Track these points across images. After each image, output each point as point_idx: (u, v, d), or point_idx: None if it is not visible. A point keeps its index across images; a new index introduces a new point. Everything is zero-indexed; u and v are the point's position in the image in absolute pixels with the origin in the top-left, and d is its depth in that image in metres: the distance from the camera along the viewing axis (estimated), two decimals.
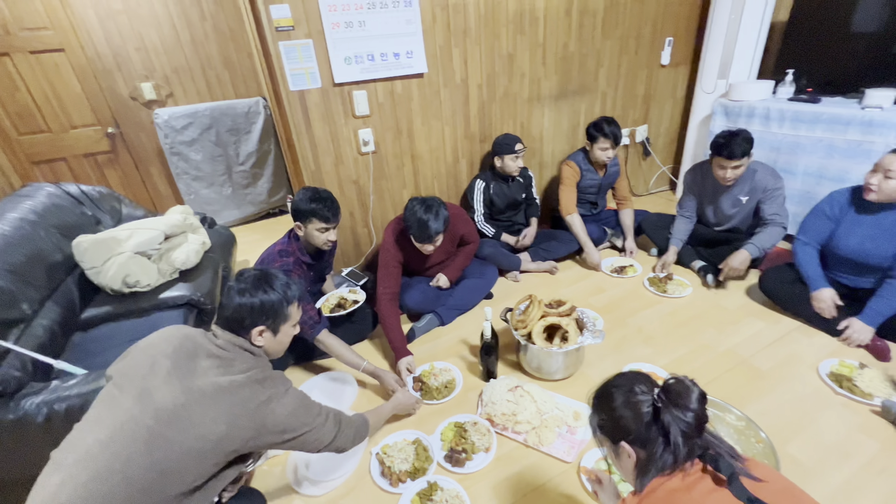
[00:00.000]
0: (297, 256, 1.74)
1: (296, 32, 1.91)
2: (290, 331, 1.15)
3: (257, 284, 1.07)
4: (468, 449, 1.45)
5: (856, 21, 2.39)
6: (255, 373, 1.02)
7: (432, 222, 1.77)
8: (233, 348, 1.03)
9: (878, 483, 1.27)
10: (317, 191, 1.68)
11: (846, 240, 1.76)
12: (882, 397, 1.50)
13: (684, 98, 3.31)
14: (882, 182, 1.60)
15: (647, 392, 0.78)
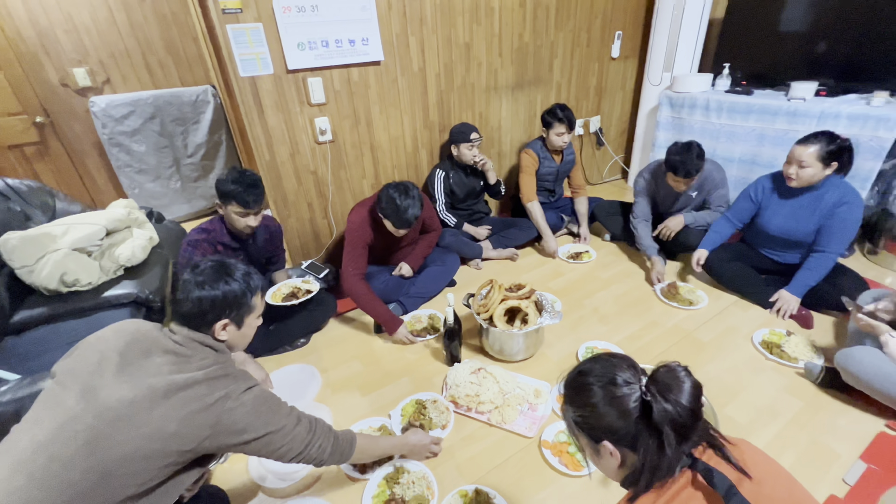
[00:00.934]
0: (214, 236, 1.67)
1: (244, 15, 1.84)
2: (254, 322, 1.10)
3: (217, 276, 1.01)
4: (425, 424, 1.49)
5: (783, 21, 2.60)
6: (214, 369, 0.97)
7: (411, 208, 1.79)
8: (191, 344, 0.98)
9: (802, 437, 1.41)
10: (242, 172, 1.61)
11: (773, 220, 1.95)
12: (805, 360, 1.66)
13: (633, 90, 3.46)
14: (798, 171, 1.78)
15: (633, 382, 0.68)
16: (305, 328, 1.93)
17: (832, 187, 1.80)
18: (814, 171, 1.76)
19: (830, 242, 1.81)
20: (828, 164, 1.74)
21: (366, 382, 1.75)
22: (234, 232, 1.72)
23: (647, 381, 0.69)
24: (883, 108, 2.07)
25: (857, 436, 1.39)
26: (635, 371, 0.71)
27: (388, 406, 1.62)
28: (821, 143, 1.73)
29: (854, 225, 1.78)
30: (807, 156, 1.75)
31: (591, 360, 0.76)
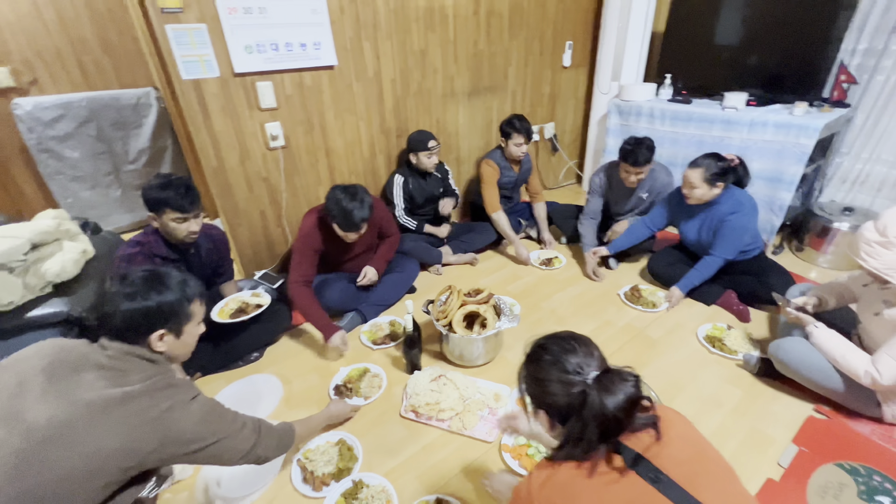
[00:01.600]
0: (149, 248, 1.57)
1: (185, 16, 1.75)
2: (194, 330, 1.06)
3: (148, 286, 0.97)
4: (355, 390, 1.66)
5: (717, 35, 2.79)
6: (155, 381, 0.93)
7: (357, 210, 1.75)
8: (126, 358, 0.93)
9: (742, 424, 1.51)
10: (168, 177, 1.53)
11: (687, 233, 2.16)
12: (743, 352, 1.78)
13: (585, 98, 3.60)
14: (690, 191, 1.97)
15: (581, 373, 0.72)
16: (258, 342, 1.85)
17: (727, 199, 1.98)
18: (702, 192, 1.94)
19: (718, 247, 2.00)
20: (713, 184, 1.92)
21: (324, 395, 1.70)
22: (174, 243, 1.62)
23: (594, 377, 0.72)
24: (803, 118, 2.27)
25: (790, 421, 1.50)
26: (590, 359, 0.75)
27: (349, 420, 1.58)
28: (704, 167, 1.91)
29: (741, 231, 1.96)
30: (694, 178, 1.93)
31: (555, 338, 0.81)
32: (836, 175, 2.70)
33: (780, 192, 2.39)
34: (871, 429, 1.44)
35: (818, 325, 1.50)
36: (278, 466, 1.40)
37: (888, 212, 1.27)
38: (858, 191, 2.64)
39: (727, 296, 2.07)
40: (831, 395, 1.49)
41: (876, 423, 1.46)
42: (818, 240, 2.42)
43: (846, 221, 2.33)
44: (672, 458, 0.70)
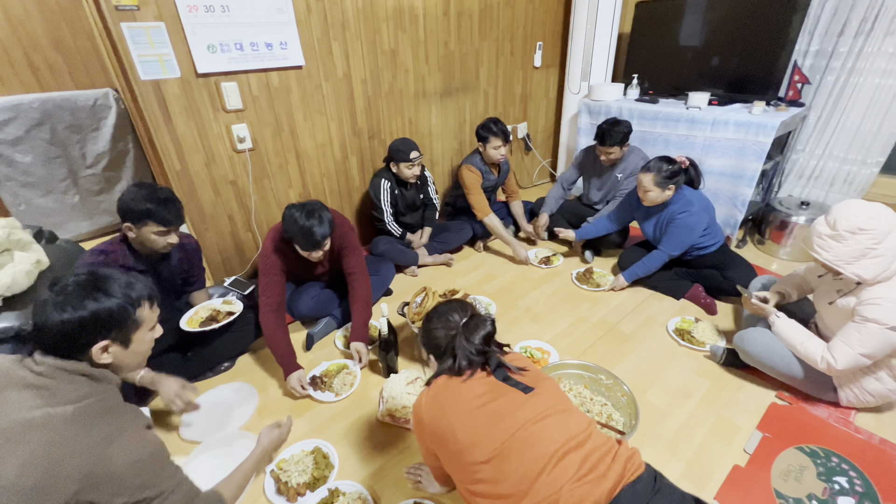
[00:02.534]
0: (115, 258, 1.49)
1: (142, 13, 1.68)
2: (146, 336, 0.95)
3: (83, 292, 0.85)
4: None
5: (681, 36, 2.87)
6: (92, 402, 0.81)
7: (317, 228, 1.62)
8: (59, 374, 0.82)
9: (710, 413, 1.56)
10: (152, 188, 1.47)
11: (645, 229, 2.25)
12: (711, 344, 1.84)
13: (556, 97, 3.65)
14: (644, 194, 2.04)
15: (455, 323, 0.99)
16: (229, 351, 1.79)
17: (678, 200, 2.06)
18: (655, 195, 2.01)
19: (664, 243, 2.10)
20: (665, 187, 1.99)
21: (299, 403, 1.66)
22: (143, 252, 1.55)
23: (464, 322, 0.99)
24: (761, 116, 2.37)
25: (754, 408, 1.56)
26: (462, 313, 1.02)
27: (324, 426, 1.55)
28: (654, 171, 1.98)
29: (687, 230, 2.04)
30: (646, 182, 2.00)
31: (445, 303, 1.06)
32: (793, 171, 2.83)
33: (742, 187, 2.49)
34: (828, 413, 1.52)
35: (779, 315, 1.56)
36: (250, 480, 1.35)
37: (838, 206, 1.34)
38: (813, 186, 2.78)
39: (695, 289, 2.14)
40: (792, 381, 1.55)
41: (833, 406, 1.53)
42: (778, 233, 2.54)
43: (803, 215, 2.45)
44: (518, 375, 0.98)
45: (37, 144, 2.69)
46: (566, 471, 0.78)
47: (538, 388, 0.93)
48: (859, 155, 2.55)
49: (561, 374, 1.65)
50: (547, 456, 0.80)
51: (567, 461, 0.79)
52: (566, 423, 0.86)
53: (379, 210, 2.44)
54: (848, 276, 1.32)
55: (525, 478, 0.79)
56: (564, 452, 0.81)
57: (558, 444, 0.81)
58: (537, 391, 0.92)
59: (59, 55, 2.81)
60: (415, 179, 2.43)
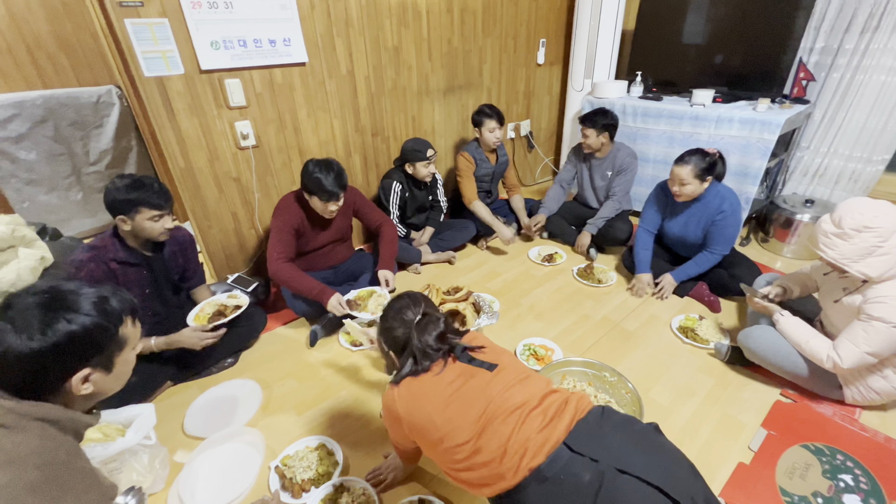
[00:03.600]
0: (105, 253, 1.47)
1: (146, 10, 1.68)
2: (129, 358, 0.82)
3: (49, 314, 0.69)
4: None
5: (685, 33, 2.86)
6: (33, 465, 0.63)
7: (335, 177, 1.76)
8: (10, 419, 0.66)
9: (714, 411, 1.55)
10: (133, 177, 1.47)
11: (671, 227, 2.19)
12: (715, 341, 1.83)
13: (560, 95, 3.64)
14: (681, 188, 1.99)
15: (409, 322, 1.03)
16: (233, 347, 1.80)
17: (714, 196, 2.02)
18: (693, 188, 1.97)
19: (717, 244, 2.05)
20: (703, 178, 1.96)
21: (302, 400, 1.66)
22: (135, 246, 1.55)
23: (417, 320, 1.02)
24: (766, 114, 2.35)
25: (759, 406, 1.56)
26: (416, 309, 1.05)
27: (327, 423, 1.55)
28: (693, 163, 1.94)
29: (735, 227, 2.02)
30: (685, 174, 1.95)
31: (395, 300, 1.09)
32: (798, 168, 2.82)
33: (746, 185, 2.48)
34: (833, 410, 1.51)
35: (783, 313, 1.56)
36: (255, 474, 1.36)
37: (843, 204, 1.33)
38: (818, 183, 2.76)
39: (699, 287, 2.14)
40: (796, 379, 1.55)
41: (838, 404, 1.53)
42: (782, 231, 2.53)
43: (808, 213, 2.44)
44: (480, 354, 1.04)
45: (40, 141, 2.70)
46: (531, 425, 0.90)
47: (500, 363, 1.02)
48: (865, 152, 2.54)
49: (565, 371, 1.65)
50: (516, 421, 0.90)
51: (531, 417, 0.91)
52: (529, 389, 0.97)
53: (385, 210, 2.43)
54: (853, 275, 1.31)
55: (500, 444, 0.89)
56: (528, 412, 0.92)
57: (523, 409, 0.92)
58: (500, 366, 1.00)
59: (62, 52, 2.80)
60: (430, 178, 2.42)
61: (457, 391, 0.96)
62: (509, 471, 0.87)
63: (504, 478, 0.88)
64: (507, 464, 0.88)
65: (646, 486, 0.80)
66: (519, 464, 0.87)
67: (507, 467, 0.88)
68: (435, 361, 1.01)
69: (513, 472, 0.87)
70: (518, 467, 0.87)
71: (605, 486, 0.81)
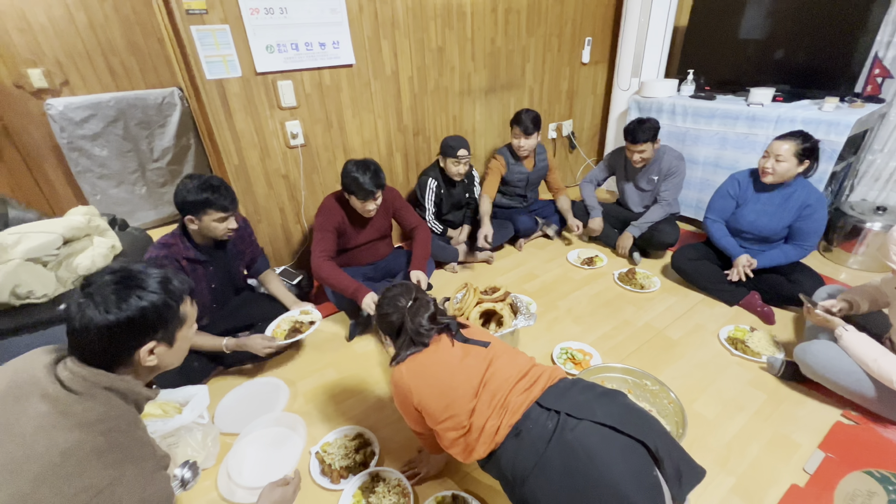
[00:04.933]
0: (176, 251, 1.56)
1: (209, 17, 1.79)
2: (188, 334, 0.88)
3: (124, 291, 0.76)
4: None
5: (742, 29, 2.71)
6: (99, 430, 0.69)
7: (372, 177, 1.82)
8: (82, 386, 0.72)
9: (765, 428, 1.47)
10: (202, 178, 1.53)
11: (745, 216, 2.03)
12: (767, 355, 1.73)
13: (604, 94, 3.54)
14: (775, 165, 1.85)
15: (402, 307, 1.12)
16: None
17: (801, 187, 1.89)
18: (788, 166, 1.84)
19: (805, 239, 1.91)
20: (801, 160, 1.83)
21: (340, 391, 1.72)
22: (202, 243, 1.64)
23: (409, 305, 1.12)
24: (833, 114, 2.19)
25: (816, 426, 1.46)
26: (407, 295, 1.14)
27: (363, 414, 1.60)
28: (796, 140, 1.82)
29: (823, 222, 1.89)
30: (783, 150, 1.83)
31: (390, 289, 1.18)
32: (869, 173, 2.60)
33: None
34: None
35: (847, 328, 1.45)
36: (297, 458, 1.43)
37: None
38: (892, 189, 2.54)
39: (751, 297, 2.02)
40: (861, 400, 1.44)
41: None
42: (848, 240, 2.34)
43: (878, 221, 2.25)
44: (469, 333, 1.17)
45: (112, 139, 2.94)
46: (517, 390, 1.04)
47: (491, 342, 1.15)
48: None
49: (604, 377, 1.61)
50: (506, 387, 1.04)
51: (519, 384, 1.04)
52: (517, 362, 1.10)
53: (421, 207, 2.47)
54: None
55: (491, 406, 1.02)
56: (516, 381, 1.05)
57: (513, 377, 1.05)
58: (492, 344, 1.14)
59: (132, 57, 3.04)
60: (460, 178, 2.44)
61: (459, 362, 1.08)
62: (495, 430, 1.00)
63: (491, 438, 1.01)
64: (493, 423, 1.00)
65: (602, 428, 0.92)
66: (501, 423, 1.00)
67: (493, 426, 1.00)
68: (430, 339, 1.11)
69: (496, 430, 1.00)
70: (500, 426, 1.00)
71: (560, 427, 0.94)
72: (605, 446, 0.90)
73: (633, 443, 0.91)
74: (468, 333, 1.16)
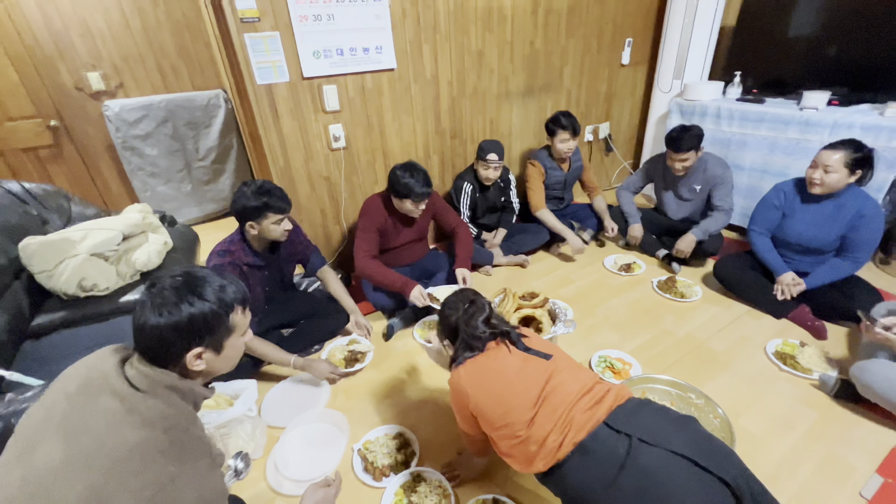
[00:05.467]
0: (238, 258, 1.62)
1: (261, 24, 1.85)
2: (237, 343, 0.90)
3: (180, 295, 0.80)
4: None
5: (794, 26, 2.59)
6: (162, 428, 0.73)
7: (422, 178, 1.87)
8: (146, 384, 0.76)
9: (817, 449, 1.41)
10: (258, 185, 1.57)
11: (793, 227, 1.95)
12: (819, 372, 1.66)
13: (643, 96, 3.47)
14: (824, 176, 1.77)
15: (459, 311, 1.16)
16: (321, 335, 1.93)
17: (853, 197, 1.80)
18: (839, 177, 1.75)
19: (858, 251, 1.82)
20: (853, 171, 1.75)
21: (379, 389, 1.76)
22: (259, 248, 1.70)
23: (463, 309, 1.16)
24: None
25: (873, 449, 1.39)
26: (464, 301, 1.18)
27: (402, 414, 1.63)
28: (847, 150, 1.73)
29: (878, 233, 1.79)
30: (833, 161, 1.74)
31: (453, 295, 1.23)
32: None
33: None
34: None
35: None
36: (341, 454, 1.47)
37: None
38: None
39: (800, 310, 1.94)
40: None
41: None
42: None
43: None
44: (532, 343, 1.17)
45: (161, 139, 3.08)
46: (580, 406, 1.02)
47: (554, 354, 1.14)
48: None
49: (646, 388, 1.59)
50: (568, 401, 1.02)
51: (582, 400, 1.03)
52: (579, 377, 1.08)
53: (456, 210, 2.49)
54: None
55: (553, 421, 1.01)
56: (580, 397, 1.03)
57: (575, 392, 1.04)
58: (554, 357, 1.12)
59: (181, 60, 3.17)
60: (490, 183, 2.44)
61: (518, 371, 1.08)
62: (557, 445, 0.99)
63: (552, 452, 0.99)
64: (555, 438, 0.99)
65: (680, 459, 0.88)
66: (564, 439, 0.99)
67: (555, 442, 0.99)
68: (487, 343, 1.13)
69: (558, 446, 0.99)
70: (563, 442, 0.99)
71: (633, 454, 0.91)
72: (683, 480, 0.86)
73: (711, 478, 0.86)
74: (530, 343, 1.16)
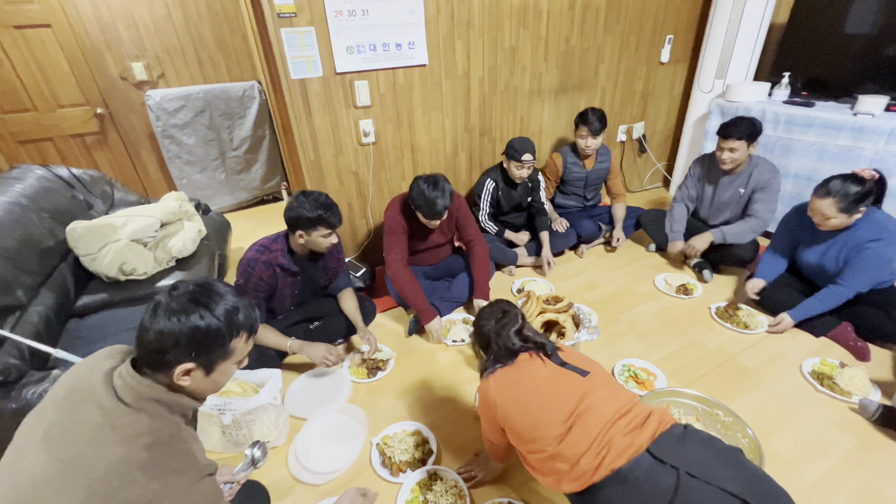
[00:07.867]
0: (274, 257, 1.63)
1: (298, 19, 1.87)
2: (229, 370, 0.85)
3: (192, 304, 0.77)
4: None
5: (851, 23, 2.43)
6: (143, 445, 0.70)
7: (440, 199, 1.83)
8: (131, 397, 0.73)
9: (854, 477, 1.34)
10: (316, 197, 1.58)
11: (808, 256, 1.91)
12: (860, 395, 1.58)
13: (681, 96, 3.33)
14: (824, 223, 1.73)
15: (493, 321, 1.16)
16: (345, 329, 1.97)
17: (867, 225, 1.71)
18: (840, 221, 1.70)
19: (850, 278, 1.74)
20: (853, 211, 1.67)
21: (400, 385, 1.78)
22: (300, 254, 1.70)
23: (494, 321, 1.16)
24: None
25: None
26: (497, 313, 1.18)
27: (422, 411, 1.65)
28: (838, 196, 1.65)
29: (881, 263, 1.69)
30: (826, 209, 1.69)
31: (488, 306, 1.23)
32: None
33: None
34: None
35: None
36: (360, 447, 1.50)
37: None
38: None
39: (842, 328, 1.84)
40: None
41: None
42: None
43: None
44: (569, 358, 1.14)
45: (198, 128, 3.18)
46: (617, 429, 0.97)
47: (591, 370, 1.10)
48: None
49: (670, 402, 1.54)
50: (603, 422, 0.98)
51: (619, 422, 0.98)
52: (616, 397, 1.04)
53: (476, 207, 2.47)
54: None
55: (587, 442, 0.97)
56: (617, 418, 0.98)
57: (611, 413, 0.99)
58: (592, 374, 1.08)
59: (219, 51, 3.25)
60: (522, 181, 2.40)
61: (550, 386, 1.05)
62: (592, 468, 0.94)
63: (586, 474, 0.95)
64: (590, 461, 0.95)
65: (730, 497, 0.83)
66: (601, 462, 0.94)
67: (590, 464, 0.95)
68: (519, 355, 1.11)
69: (594, 470, 0.94)
70: (600, 465, 0.94)
71: (682, 488, 0.85)
72: None
73: None
74: (567, 358, 1.13)
